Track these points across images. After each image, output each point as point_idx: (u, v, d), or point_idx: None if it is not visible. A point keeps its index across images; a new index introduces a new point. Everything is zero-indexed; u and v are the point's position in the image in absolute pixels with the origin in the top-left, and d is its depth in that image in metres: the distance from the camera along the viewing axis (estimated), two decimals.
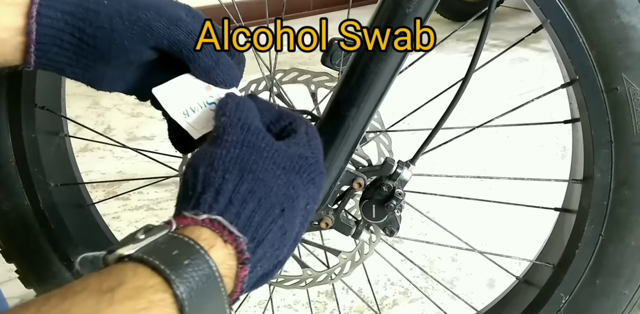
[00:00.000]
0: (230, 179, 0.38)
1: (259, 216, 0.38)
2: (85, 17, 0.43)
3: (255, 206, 0.38)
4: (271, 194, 0.39)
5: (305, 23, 2.97)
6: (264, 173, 0.39)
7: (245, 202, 0.37)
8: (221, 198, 0.37)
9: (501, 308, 0.73)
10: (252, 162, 0.39)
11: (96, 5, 0.43)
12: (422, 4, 0.50)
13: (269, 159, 0.40)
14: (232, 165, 0.39)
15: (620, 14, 0.52)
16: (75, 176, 0.79)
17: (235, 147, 0.40)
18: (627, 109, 0.55)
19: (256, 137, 0.41)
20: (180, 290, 0.31)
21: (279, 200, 0.39)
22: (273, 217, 0.38)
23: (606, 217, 0.59)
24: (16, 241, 0.76)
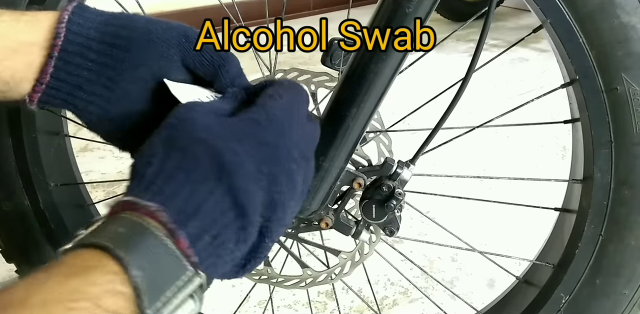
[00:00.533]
0: (154, 162, 0.37)
1: (188, 189, 0.36)
2: (120, 23, 0.44)
3: (182, 180, 0.36)
4: (200, 166, 0.36)
5: (305, 23, 2.96)
6: (194, 145, 0.37)
7: (170, 179, 0.36)
8: (142, 182, 0.36)
9: (501, 308, 0.73)
10: (183, 139, 0.38)
11: (129, 22, 0.44)
12: (422, 4, 0.50)
13: (203, 130, 0.38)
14: (158, 147, 0.38)
15: (620, 14, 0.52)
16: (75, 176, 0.79)
17: (169, 129, 0.38)
18: (627, 109, 0.55)
19: (196, 113, 0.40)
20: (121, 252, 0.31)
21: (212, 169, 0.37)
22: (208, 186, 0.36)
23: (606, 217, 0.59)
24: (16, 241, 0.76)
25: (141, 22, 0.45)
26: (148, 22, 0.45)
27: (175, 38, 0.45)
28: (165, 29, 0.45)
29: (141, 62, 0.44)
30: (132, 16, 0.45)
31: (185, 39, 0.45)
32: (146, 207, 0.34)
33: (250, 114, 0.41)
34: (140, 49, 0.44)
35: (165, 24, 0.45)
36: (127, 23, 0.44)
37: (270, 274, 0.71)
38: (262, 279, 0.71)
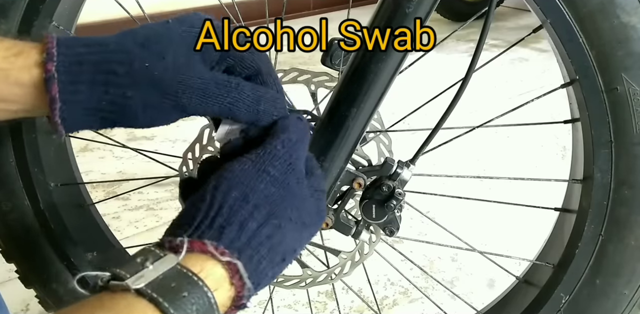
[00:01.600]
0: (257, 218, 0.37)
1: (265, 264, 0.38)
2: (114, 111, 0.41)
3: (266, 252, 0.37)
4: (283, 244, 0.39)
5: (305, 23, 2.96)
6: (285, 221, 0.39)
7: (260, 247, 0.37)
8: (243, 236, 0.36)
9: (501, 308, 0.73)
10: (281, 208, 0.39)
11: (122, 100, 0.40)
12: (422, 4, 0.50)
13: (297, 210, 0.40)
14: (264, 204, 0.38)
15: (620, 14, 0.52)
16: (75, 176, 0.79)
17: (274, 186, 0.39)
18: (627, 109, 0.55)
19: (296, 182, 0.41)
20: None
21: (285, 251, 0.39)
22: (274, 265, 0.39)
23: (606, 217, 0.59)
24: (16, 241, 0.76)
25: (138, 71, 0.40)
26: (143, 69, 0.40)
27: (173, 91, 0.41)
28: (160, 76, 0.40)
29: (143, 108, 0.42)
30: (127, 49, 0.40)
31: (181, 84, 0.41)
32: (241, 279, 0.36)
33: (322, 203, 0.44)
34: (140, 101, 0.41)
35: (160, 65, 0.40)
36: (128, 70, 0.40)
37: None
38: None
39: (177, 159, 0.71)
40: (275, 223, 0.38)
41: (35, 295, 0.80)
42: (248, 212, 0.37)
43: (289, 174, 0.41)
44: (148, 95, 0.40)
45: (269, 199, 0.39)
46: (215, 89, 0.42)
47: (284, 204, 0.39)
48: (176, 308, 0.31)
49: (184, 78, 0.41)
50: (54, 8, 0.64)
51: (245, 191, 0.38)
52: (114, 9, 0.71)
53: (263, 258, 0.37)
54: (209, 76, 0.42)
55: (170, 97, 0.41)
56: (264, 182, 0.39)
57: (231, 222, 0.36)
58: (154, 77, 0.40)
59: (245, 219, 0.37)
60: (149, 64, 0.40)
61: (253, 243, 0.37)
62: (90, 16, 2.06)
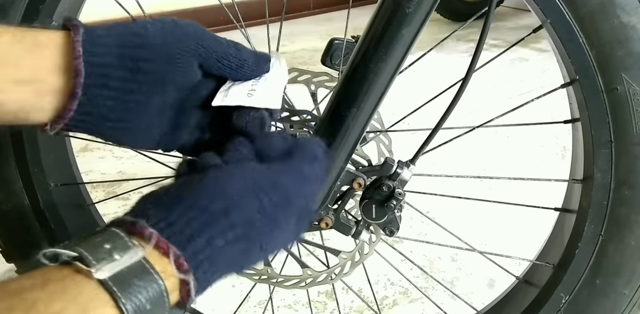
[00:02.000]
0: (228, 237, 0.38)
1: (217, 275, 0.38)
2: (135, 41, 0.42)
3: (222, 267, 0.38)
4: (241, 262, 0.39)
5: (305, 23, 2.97)
6: (254, 248, 0.39)
7: (217, 264, 0.37)
8: (207, 250, 0.36)
9: (501, 308, 0.73)
10: (255, 235, 0.39)
11: (143, 31, 0.43)
12: (422, 4, 0.50)
13: (271, 241, 0.40)
14: (242, 225, 0.38)
15: (620, 14, 0.52)
16: (75, 176, 0.79)
17: (261, 213, 0.39)
18: (627, 109, 0.55)
19: (285, 220, 0.41)
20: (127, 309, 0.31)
21: (241, 265, 0.40)
22: (224, 273, 0.39)
23: (606, 217, 0.59)
24: (16, 241, 0.76)
25: (157, 37, 0.43)
26: (164, 35, 0.43)
27: (193, 48, 0.44)
28: (181, 37, 0.44)
29: (166, 80, 0.44)
30: (144, 30, 0.43)
31: (203, 47, 0.44)
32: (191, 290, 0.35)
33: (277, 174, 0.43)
34: (164, 69, 0.43)
35: (179, 30, 0.44)
36: (144, 42, 0.42)
37: (270, 274, 0.71)
38: (262, 279, 0.71)
39: (177, 159, 0.71)
40: (242, 248, 0.38)
41: None
42: (221, 229, 0.37)
43: (283, 209, 0.40)
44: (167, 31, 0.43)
45: (248, 223, 0.38)
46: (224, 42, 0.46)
47: (261, 233, 0.39)
48: (132, 304, 0.31)
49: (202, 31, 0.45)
50: (54, 8, 0.64)
51: (229, 207, 0.37)
52: (114, 9, 0.71)
53: (215, 273, 0.37)
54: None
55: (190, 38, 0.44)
56: (254, 207, 0.39)
57: (201, 235, 0.36)
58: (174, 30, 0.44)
59: (217, 235, 0.36)
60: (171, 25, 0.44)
61: (214, 259, 0.36)
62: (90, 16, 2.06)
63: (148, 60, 0.42)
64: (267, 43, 0.77)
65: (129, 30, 0.42)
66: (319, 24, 2.95)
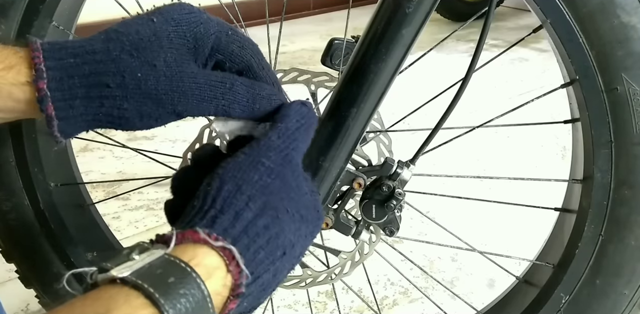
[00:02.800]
0: (253, 208, 0.36)
1: (264, 254, 0.36)
2: (111, 122, 0.41)
3: (264, 243, 0.36)
4: (281, 237, 0.37)
5: (305, 23, 2.97)
6: (283, 213, 0.38)
7: (257, 237, 0.36)
8: (238, 224, 0.35)
9: (501, 308, 0.73)
10: (278, 199, 0.38)
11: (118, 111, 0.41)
12: (422, 4, 0.50)
13: (294, 201, 0.39)
14: (259, 195, 0.37)
15: (620, 14, 0.52)
16: (75, 176, 0.79)
17: (270, 177, 0.38)
18: (627, 109, 0.55)
19: (291, 174, 0.40)
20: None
21: (285, 244, 0.38)
22: (274, 258, 0.37)
23: (606, 217, 0.59)
24: (16, 241, 0.76)
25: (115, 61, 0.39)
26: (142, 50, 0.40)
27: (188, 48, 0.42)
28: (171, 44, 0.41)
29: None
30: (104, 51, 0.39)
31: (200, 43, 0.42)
32: (238, 266, 0.34)
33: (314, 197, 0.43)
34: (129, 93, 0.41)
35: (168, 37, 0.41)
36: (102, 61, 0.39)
37: None
38: None
39: (177, 159, 0.71)
40: (272, 214, 0.37)
41: (35, 295, 0.80)
42: (243, 202, 0.36)
43: (285, 165, 0.40)
44: (143, 105, 0.40)
45: (264, 190, 0.37)
46: (210, 93, 0.42)
47: (280, 195, 0.38)
48: (162, 293, 0.30)
49: (178, 85, 0.40)
50: (54, 8, 0.64)
51: (238, 183, 0.37)
52: (114, 9, 0.71)
53: (261, 248, 0.36)
54: (203, 80, 0.41)
55: (166, 106, 0.41)
56: (257, 173, 0.38)
57: (224, 212, 0.35)
58: (147, 88, 0.40)
59: (241, 209, 0.36)
60: (141, 74, 0.39)
61: (250, 232, 0.36)
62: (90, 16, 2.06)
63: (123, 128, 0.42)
64: (267, 43, 0.77)
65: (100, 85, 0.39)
66: (319, 24, 2.95)
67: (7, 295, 1.09)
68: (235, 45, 0.44)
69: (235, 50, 0.44)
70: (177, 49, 0.41)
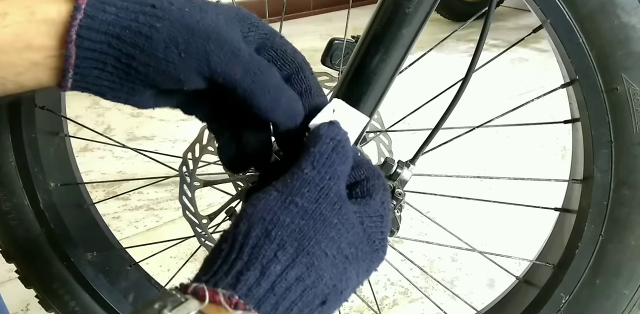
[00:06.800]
0: (282, 259, 0.33)
1: (297, 309, 0.33)
2: (135, 42, 0.36)
3: (297, 297, 0.33)
4: (319, 285, 0.33)
5: (305, 23, 2.97)
6: (321, 258, 0.34)
7: (289, 291, 0.32)
8: (264, 282, 0.32)
9: (501, 308, 0.73)
10: (313, 242, 0.34)
11: (148, 30, 0.36)
12: (422, 4, 0.50)
13: (334, 241, 0.35)
14: (290, 240, 0.33)
15: (620, 14, 0.52)
16: (75, 176, 0.79)
17: (303, 218, 0.34)
18: (627, 109, 0.55)
19: (331, 209, 0.35)
20: None
21: (325, 292, 0.34)
22: (311, 309, 0.34)
23: (606, 217, 0.59)
24: (16, 241, 0.76)
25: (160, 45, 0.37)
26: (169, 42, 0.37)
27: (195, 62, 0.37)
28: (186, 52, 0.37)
29: (158, 85, 0.39)
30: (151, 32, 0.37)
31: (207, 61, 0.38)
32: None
33: (373, 227, 0.38)
34: (156, 77, 0.38)
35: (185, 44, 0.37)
36: (144, 45, 0.37)
37: None
38: None
39: (177, 159, 0.71)
40: (306, 262, 0.33)
41: (35, 295, 0.80)
42: (272, 253, 0.33)
43: (322, 201, 0.35)
44: (177, 32, 0.36)
45: (297, 235, 0.34)
46: (247, 56, 0.38)
47: (316, 237, 0.34)
48: None
49: (219, 33, 0.37)
50: None
51: (268, 228, 0.33)
52: None
53: (294, 303, 0.33)
54: (245, 46, 0.38)
55: (199, 40, 0.36)
56: (290, 215, 0.34)
57: (250, 267, 0.32)
58: (189, 19, 0.36)
59: (268, 262, 0.32)
60: (189, 9, 0.37)
61: (278, 289, 0.32)
62: None
63: (143, 64, 0.37)
64: None
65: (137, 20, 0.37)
66: (318, 24, 2.95)
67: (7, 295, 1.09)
68: (289, 48, 0.42)
69: (289, 51, 0.42)
70: (231, 16, 0.39)
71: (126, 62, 0.37)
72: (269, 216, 0.34)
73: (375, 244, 0.37)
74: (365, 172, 0.41)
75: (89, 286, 0.79)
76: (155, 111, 0.48)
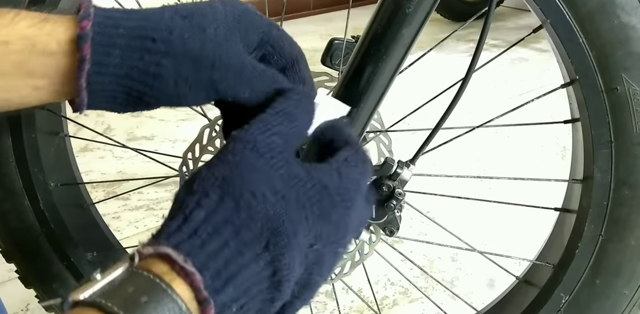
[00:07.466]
0: (205, 205, 0.33)
1: (231, 250, 0.32)
2: (144, 81, 0.37)
3: (227, 238, 0.32)
4: (253, 226, 0.33)
5: (305, 23, 2.97)
6: (250, 199, 0.33)
7: (217, 233, 0.32)
8: (185, 227, 0.32)
9: (501, 308, 0.73)
10: (239, 186, 0.33)
11: (155, 68, 0.37)
12: (422, 4, 0.50)
13: (266, 182, 0.34)
14: (213, 188, 0.33)
15: (620, 14, 0.52)
16: (75, 176, 0.79)
17: (226, 168, 0.34)
18: (627, 109, 0.55)
19: (259, 157, 0.35)
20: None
21: (265, 234, 0.33)
22: (253, 252, 0.33)
23: (606, 217, 0.59)
24: (16, 241, 0.76)
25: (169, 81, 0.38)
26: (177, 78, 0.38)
27: (204, 91, 0.39)
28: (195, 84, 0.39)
29: (169, 106, 0.40)
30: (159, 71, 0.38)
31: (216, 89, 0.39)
32: (183, 268, 0.30)
33: (323, 175, 0.37)
34: (166, 103, 0.40)
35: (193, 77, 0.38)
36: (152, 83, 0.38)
37: None
38: None
39: (177, 159, 0.71)
40: (232, 204, 0.33)
41: (35, 295, 0.80)
42: (194, 202, 0.33)
43: (248, 152, 0.35)
44: (183, 66, 0.38)
45: (220, 183, 0.33)
46: (251, 73, 0.39)
47: (241, 181, 0.34)
48: (124, 304, 0.28)
49: (222, 54, 0.38)
50: (54, 8, 0.64)
51: (192, 185, 0.34)
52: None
53: (226, 244, 0.32)
54: (247, 59, 0.40)
55: (205, 71, 0.38)
56: (212, 168, 0.34)
57: (174, 218, 0.33)
58: (192, 49, 0.37)
59: (191, 210, 0.32)
60: (189, 35, 0.38)
61: (201, 231, 0.32)
62: None
63: (154, 98, 0.39)
64: None
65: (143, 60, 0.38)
66: (319, 24, 2.95)
67: (7, 295, 1.09)
68: (286, 41, 0.43)
69: (285, 45, 0.43)
70: (230, 25, 0.40)
71: (137, 96, 0.39)
72: (196, 176, 0.34)
73: (327, 190, 0.36)
74: (335, 133, 0.41)
75: None
76: (155, 111, 0.48)
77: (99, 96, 0.38)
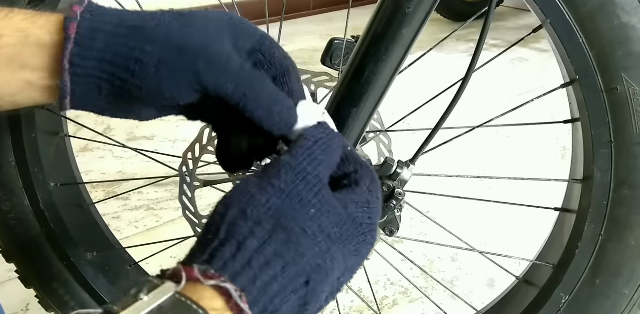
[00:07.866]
0: (258, 235, 0.33)
1: (278, 285, 0.33)
2: (126, 66, 0.37)
3: (277, 272, 0.33)
4: (301, 262, 0.34)
5: (305, 23, 2.97)
6: (301, 235, 0.34)
7: (267, 266, 0.33)
8: (240, 256, 0.32)
9: (501, 308, 0.73)
10: (290, 219, 0.34)
11: (139, 53, 0.37)
12: (422, 4, 0.50)
13: (315, 219, 0.35)
14: (267, 217, 0.34)
15: (620, 14, 0.52)
16: (75, 176, 0.79)
17: (279, 197, 0.35)
18: (627, 109, 0.55)
19: (309, 190, 0.36)
20: None
21: (308, 270, 0.34)
22: (294, 287, 0.34)
23: (606, 217, 0.59)
24: (16, 240, 0.76)
25: (151, 67, 0.38)
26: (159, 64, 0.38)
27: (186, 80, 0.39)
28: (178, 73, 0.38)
29: (154, 102, 0.40)
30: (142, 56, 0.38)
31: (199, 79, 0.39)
32: (238, 306, 0.31)
33: (356, 212, 0.38)
34: (150, 97, 0.40)
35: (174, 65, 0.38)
36: (136, 69, 0.38)
37: None
38: None
39: (177, 159, 0.71)
40: (284, 238, 0.34)
41: (35, 295, 0.80)
42: (248, 229, 0.33)
43: (300, 183, 0.36)
44: (166, 53, 0.37)
45: (273, 213, 0.34)
46: (237, 70, 0.39)
47: (293, 215, 0.35)
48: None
49: (208, 46, 0.38)
50: (54, 8, 0.64)
51: (244, 208, 0.34)
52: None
53: (274, 279, 0.33)
54: (235, 56, 0.39)
55: (189, 59, 0.38)
56: (266, 195, 0.35)
57: (226, 244, 0.33)
58: (177, 37, 0.38)
59: (245, 238, 0.33)
60: (177, 27, 0.38)
61: (255, 263, 0.32)
62: None
63: (136, 86, 0.38)
64: None
65: (127, 45, 0.38)
66: (319, 24, 2.95)
67: (7, 295, 1.09)
68: (278, 52, 0.43)
69: (277, 55, 0.43)
70: (221, 26, 0.40)
71: (119, 85, 0.38)
72: (245, 197, 0.35)
73: (362, 227, 0.38)
74: (353, 165, 0.41)
75: (89, 286, 0.79)
76: None
77: (83, 83, 0.38)
